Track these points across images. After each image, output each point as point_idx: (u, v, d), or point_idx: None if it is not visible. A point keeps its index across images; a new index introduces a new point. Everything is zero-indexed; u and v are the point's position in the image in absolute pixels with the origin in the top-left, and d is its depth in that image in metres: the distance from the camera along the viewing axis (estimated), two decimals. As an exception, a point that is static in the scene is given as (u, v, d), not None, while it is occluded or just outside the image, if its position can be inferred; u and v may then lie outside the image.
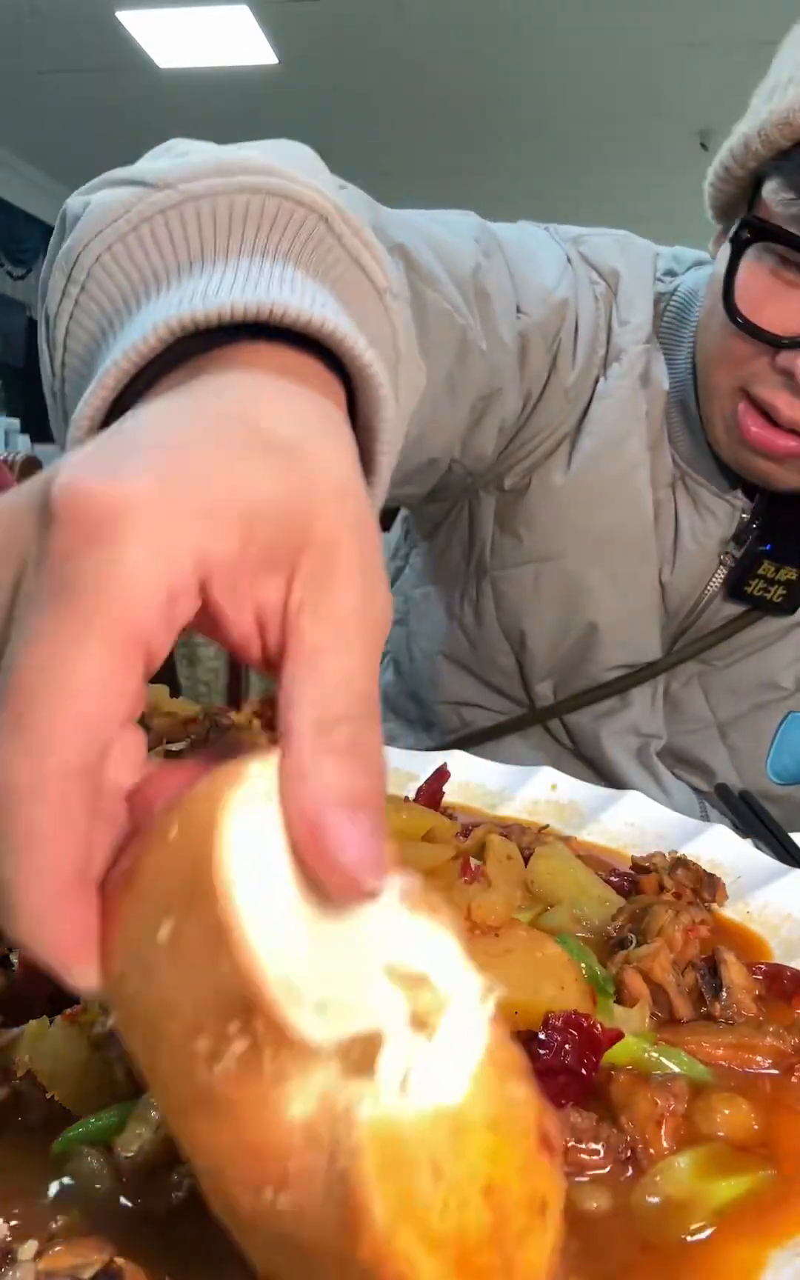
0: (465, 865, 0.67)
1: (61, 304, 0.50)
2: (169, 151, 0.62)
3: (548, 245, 1.02)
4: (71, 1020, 0.48)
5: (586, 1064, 0.47)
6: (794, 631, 1.05)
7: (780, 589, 1.00)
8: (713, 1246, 0.41)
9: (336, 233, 0.50)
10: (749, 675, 1.06)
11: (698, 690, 1.07)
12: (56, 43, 6.78)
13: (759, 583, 1.00)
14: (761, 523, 1.00)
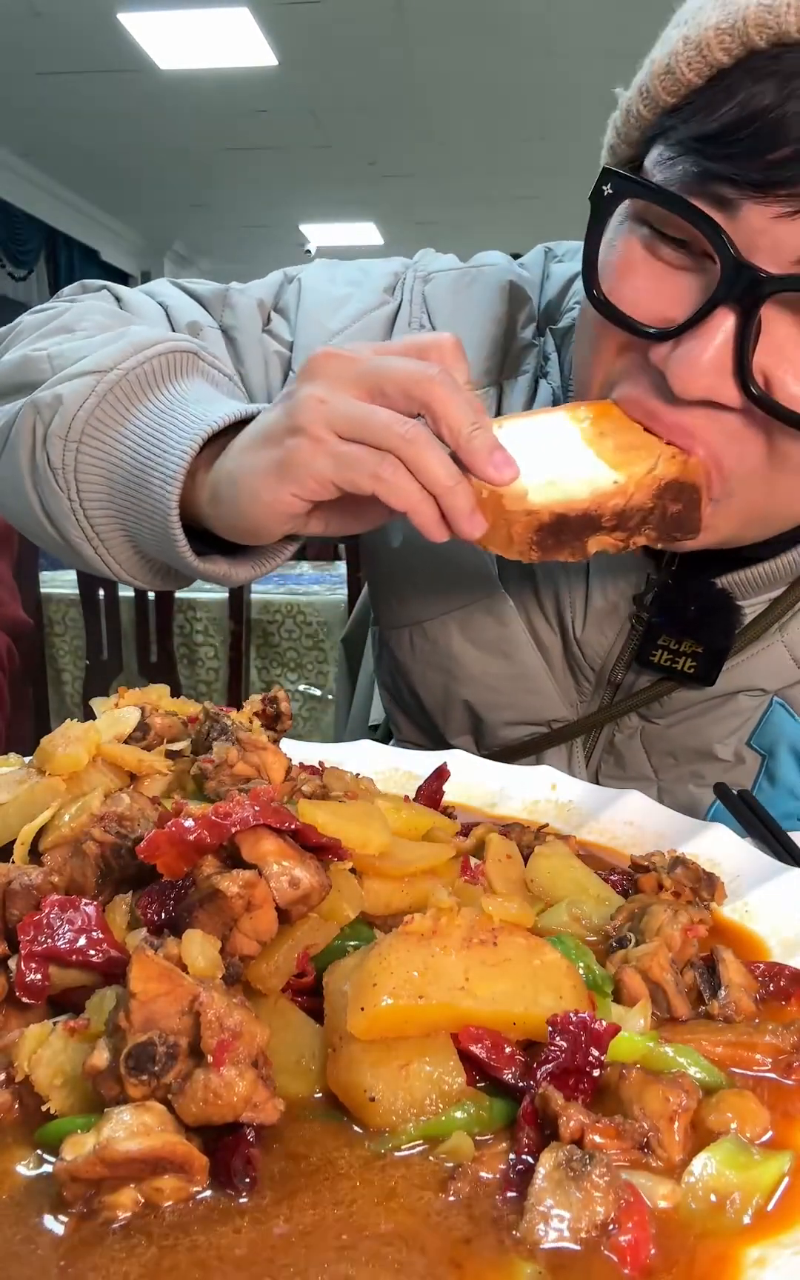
0: (465, 864, 0.67)
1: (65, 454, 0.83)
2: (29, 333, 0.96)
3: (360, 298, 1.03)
4: (72, 1031, 0.49)
5: (592, 1061, 0.47)
6: (734, 700, 0.96)
7: (688, 660, 0.93)
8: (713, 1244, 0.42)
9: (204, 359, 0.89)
10: (689, 740, 0.99)
11: (639, 747, 1.01)
12: (57, 44, 6.79)
13: (663, 653, 0.93)
14: (657, 590, 0.92)
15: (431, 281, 1.03)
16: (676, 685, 0.96)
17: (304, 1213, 0.42)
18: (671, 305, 0.71)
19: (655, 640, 0.93)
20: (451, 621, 1.01)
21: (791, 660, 0.95)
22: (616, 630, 0.97)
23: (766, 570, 0.91)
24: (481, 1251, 0.41)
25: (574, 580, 0.97)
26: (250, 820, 0.52)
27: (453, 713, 1.06)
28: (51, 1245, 0.41)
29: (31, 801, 0.62)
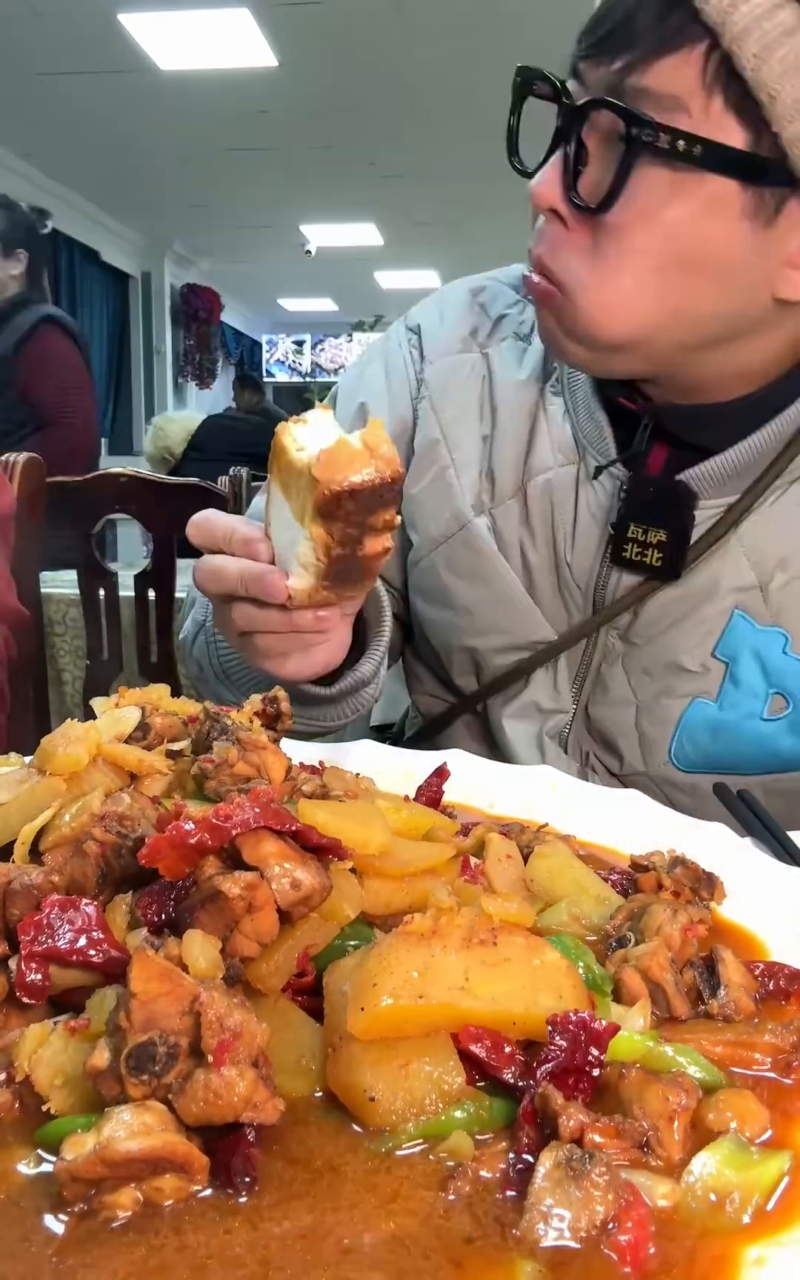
0: (465, 864, 0.67)
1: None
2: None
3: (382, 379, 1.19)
4: (72, 1031, 0.49)
5: (592, 1060, 0.47)
6: (696, 606, 1.04)
7: (656, 552, 1.02)
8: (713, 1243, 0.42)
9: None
10: (661, 655, 1.06)
11: (620, 670, 1.08)
12: (58, 45, 6.79)
13: (633, 547, 1.02)
14: (627, 487, 1.03)
15: (410, 315, 1.23)
16: (650, 589, 1.04)
17: (303, 1212, 0.42)
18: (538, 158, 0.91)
19: (626, 535, 1.03)
20: (438, 558, 1.13)
21: (748, 562, 1.02)
22: (598, 543, 1.07)
23: (719, 465, 1.01)
24: (481, 1250, 0.41)
25: (564, 504, 1.08)
26: (251, 822, 0.52)
27: (454, 656, 1.15)
28: (48, 1244, 0.41)
29: (32, 801, 0.62)
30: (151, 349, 12.26)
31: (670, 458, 1.03)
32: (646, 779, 1.09)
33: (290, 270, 13.11)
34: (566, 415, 1.08)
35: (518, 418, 1.10)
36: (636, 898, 0.68)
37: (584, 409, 1.07)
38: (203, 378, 13.43)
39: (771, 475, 1.01)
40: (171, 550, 2.51)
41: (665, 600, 1.05)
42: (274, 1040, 0.48)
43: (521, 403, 1.10)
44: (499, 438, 1.11)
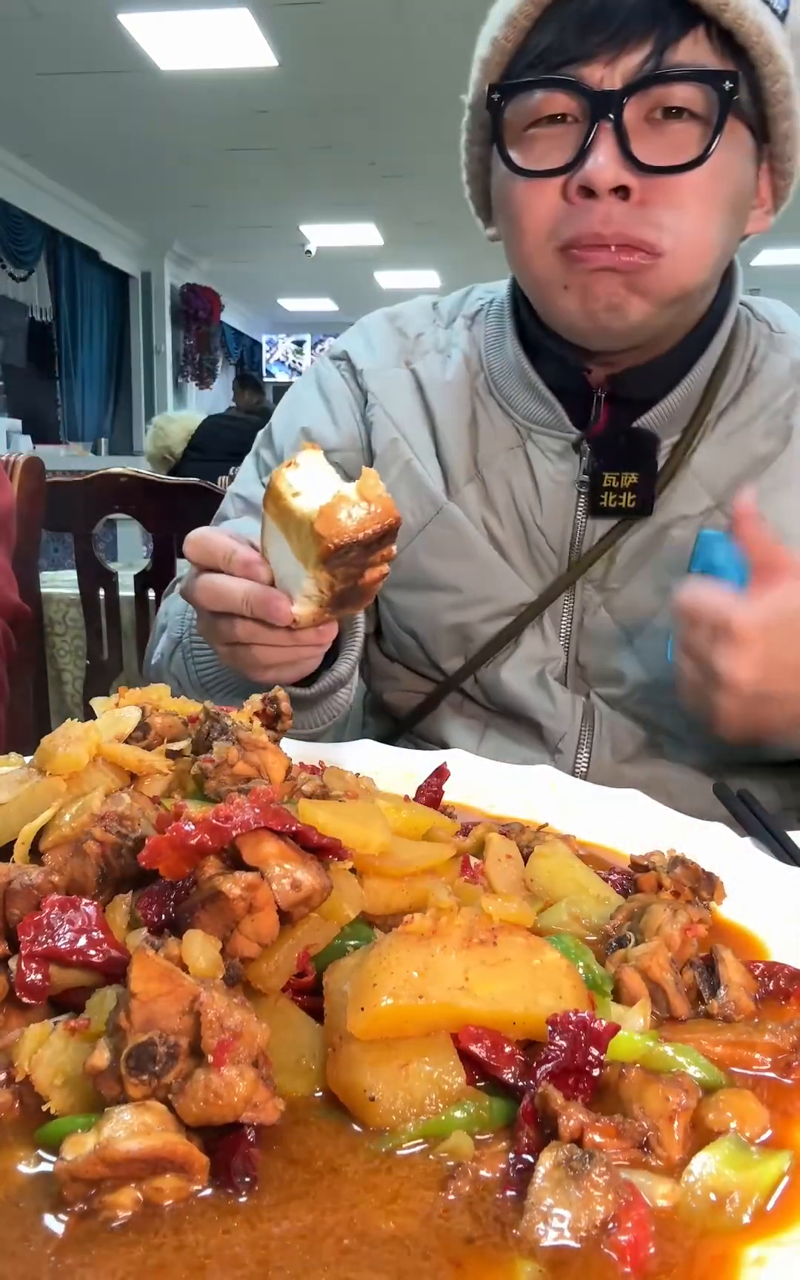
0: (465, 864, 0.67)
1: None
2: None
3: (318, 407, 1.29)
4: (72, 1031, 0.49)
5: (592, 1060, 0.47)
6: (668, 534, 1.15)
7: (630, 495, 1.13)
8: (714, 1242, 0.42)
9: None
10: (644, 589, 1.16)
11: (605, 616, 1.18)
12: (58, 45, 6.79)
13: (610, 495, 1.14)
14: (593, 443, 1.15)
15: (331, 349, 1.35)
16: (622, 531, 1.16)
17: (303, 1212, 0.42)
18: (565, 155, 1.00)
19: (600, 485, 1.14)
20: (417, 546, 1.21)
21: (702, 488, 1.15)
22: (568, 502, 1.17)
23: (665, 409, 1.14)
24: (481, 1250, 0.41)
25: (520, 479, 1.19)
26: (251, 823, 0.52)
27: (441, 636, 1.23)
28: (47, 1243, 0.41)
29: (32, 801, 0.62)
30: (151, 349, 12.26)
31: (612, 415, 1.16)
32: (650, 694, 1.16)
33: (290, 270, 13.11)
34: (501, 409, 1.21)
35: (455, 417, 1.22)
36: (636, 898, 0.68)
37: (524, 399, 1.19)
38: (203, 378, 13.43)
39: (704, 411, 1.15)
40: (171, 550, 2.51)
41: (636, 540, 1.16)
42: (274, 1040, 0.48)
43: (454, 403, 1.23)
44: (443, 436, 1.22)
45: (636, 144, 0.97)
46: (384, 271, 12.98)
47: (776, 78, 0.99)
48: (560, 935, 0.60)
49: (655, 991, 0.58)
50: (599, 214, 0.98)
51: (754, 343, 1.19)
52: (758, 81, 0.99)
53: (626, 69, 0.96)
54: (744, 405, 1.16)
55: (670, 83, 0.96)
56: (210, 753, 0.64)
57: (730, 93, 0.96)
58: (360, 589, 0.79)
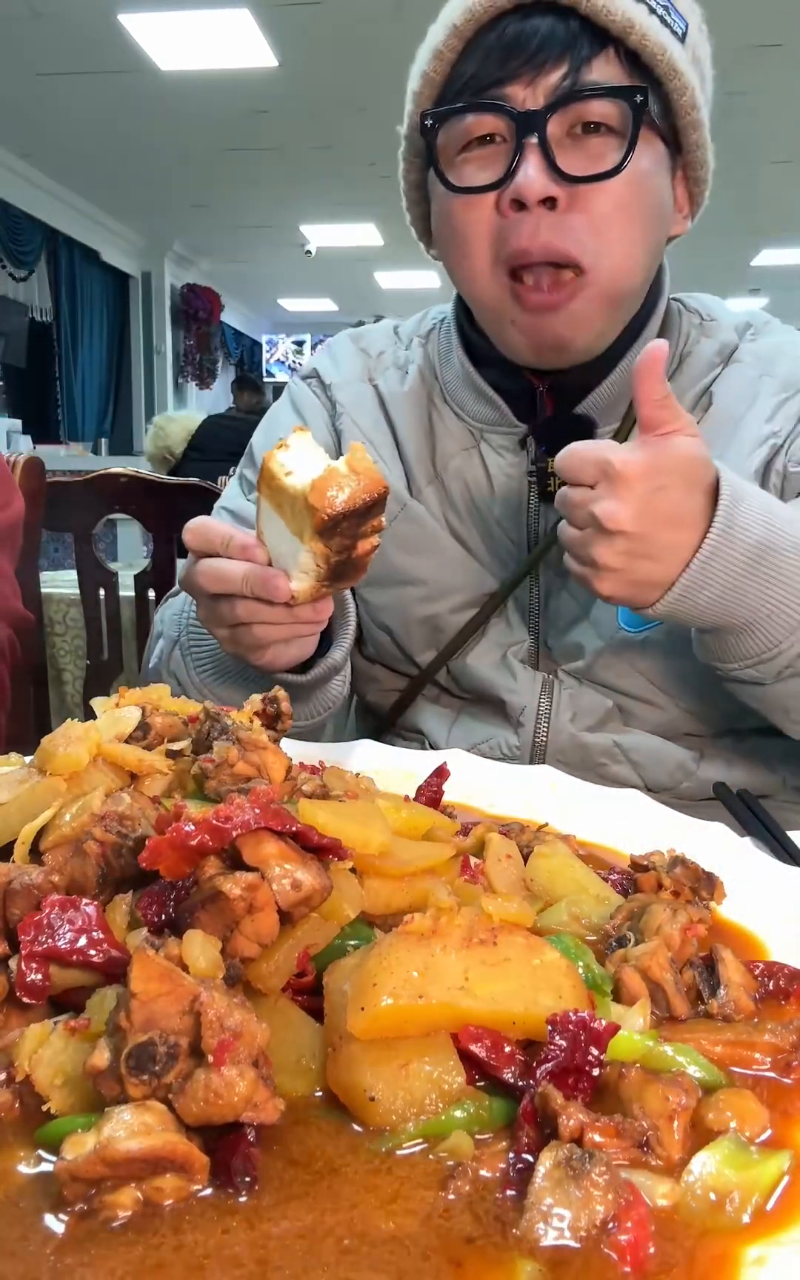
0: (465, 864, 0.67)
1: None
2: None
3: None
4: (72, 1031, 0.49)
5: (592, 1060, 0.47)
6: None
7: None
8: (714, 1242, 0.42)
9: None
10: None
11: (567, 597, 1.24)
12: (58, 45, 6.79)
13: (556, 480, 1.15)
14: (536, 434, 1.22)
15: (302, 369, 1.44)
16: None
17: (303, 1212, 0.42)
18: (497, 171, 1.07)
19: (548, 473, 1.19)
20: (386, 543, 1.24)
21: None
22: (521, 493, 1.24)
23: (602, 394, 1.21)
24: (481, 1250, 0.41)
25: (475, 477, 1.26)
26: (252, 823, 0.52)
27: (413, 630, 1.29)
28: (46, 1242, 0.41)
29: (32, 801, 0.62)
30: (151, 349, 12.26)
31: (556, 408, 1.23)
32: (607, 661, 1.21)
33: (290, 270, 13.11)
34: (454, 414, 1.29)
35: (413, 425, 1.30)
36: (636, 897, 0.68)
37: (473, 403, 1.27)
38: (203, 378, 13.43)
39: None
40: (172, 551, 2.51)
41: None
42: (274, 1040, 0.48)
43: (412, 412, 1.31)
44: (403, 443, 1.30)
45: (560, 157, 1.04)
46: (384, 271, 12.98)
47: (682, 92, 1.08)
48: (560, 935, 0.60)
49: (655, 991, 0.58)
50: (528, 226, 1.06)
51: (685, 331, 1.28)
52: (666, 96, 1.08)
53: (546, 88, 1.04)
54: (675, 387, 1.21)
55: (587, 99, 1.04)
56: (210, 753, 0.64)
57: (641, 105, 1.04)
58: (354, 561, 0.83)
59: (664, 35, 1.06)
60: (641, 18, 1.04)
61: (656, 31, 1.05)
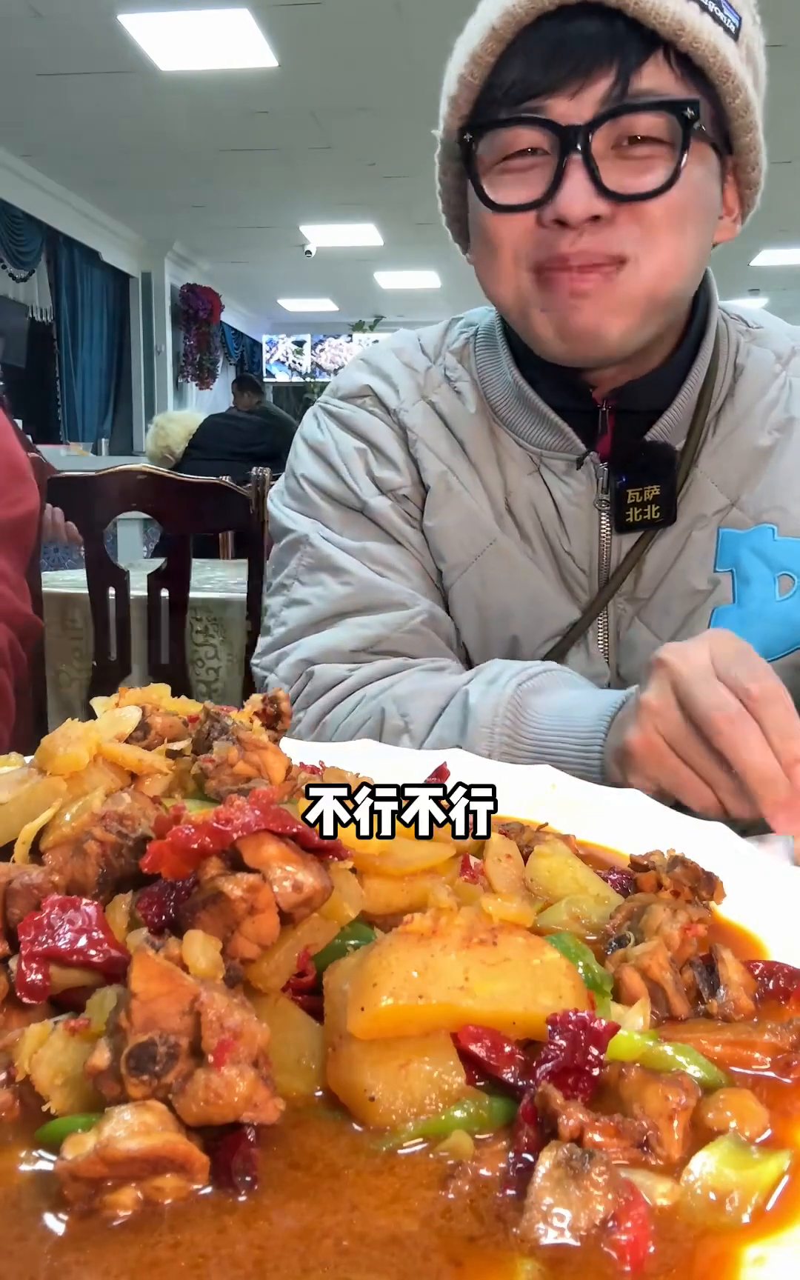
0: (465, 864, 0.67)
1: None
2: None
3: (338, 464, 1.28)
4: (72, 1031, 0.49)
5: (591, 1060, 0.47)
6: (687, 537, 1.19)
7: (654, 507, 1.16)
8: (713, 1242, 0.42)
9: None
10: (673, 593, 1.20)
11: (640, 626, 1.21)
12: (58, 45, 6.79)
13: (635, 510, 1.17)
14: (610, 463, 1.18)
15: (330, 406, 1.35)
16: (647, 541, 1.19)
17: (303, 1211, 0.43)
18: (537, 188, 1.03)
19: (626, 504, 1.17)
20: (470, 577, 1.24)
21: (713, 486, 1.19)
22: (591, 522, 1.20)
23: (671, 419, 1.18)
24: (481, 1249, 0.41)
25: (544, 505, 1.21)
26: (252, 825, 0.52)
27: (493, 646, 1.25)
28: (43, 1242, 0.41)
29: (32, 801, 0.62)
30: (151, 349, 12.26)
31: (616, 431, 1.19)
32: None
33: (290, 270, 13.11)
34: (509, 437, 1.22)
35: (482, 446, 1.24)
36: (636, 897, 0.68)
37: (531, 424, 1.21)
38: (203, 378, 13.44)
39: (703, 414, 1.19)
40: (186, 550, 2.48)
41: (659, 549, 1.19)
42: (274, 1040, 0.48)
43: (478, 432, 1.24)
44: (478, 463, 1.23)
45: (605, 173, 1.01)
46: (384, 272, 12.98)
47: (735, 94, 1.04)
48: (560, 935, 0.60)
49: (655, 991, 0.58)
50: (568, 238, 1.03)
51: (734, 340, 1.23)
52: (718, 99, 1.04)
53: (592, 99, 1.00)
54: (739, 402, 1.20)
55: (636, 113, 1.00)
56: (210, 753, 0.64)
57: (692, 119, 1.00)
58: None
59: (717, 35, 1.00)
60: (693, 17, 0.98)
61: (709, 32, 0.99)
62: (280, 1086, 0.46)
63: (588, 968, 0.57)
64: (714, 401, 1.19)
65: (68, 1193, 0.42)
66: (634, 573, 1.19)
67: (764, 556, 1.17)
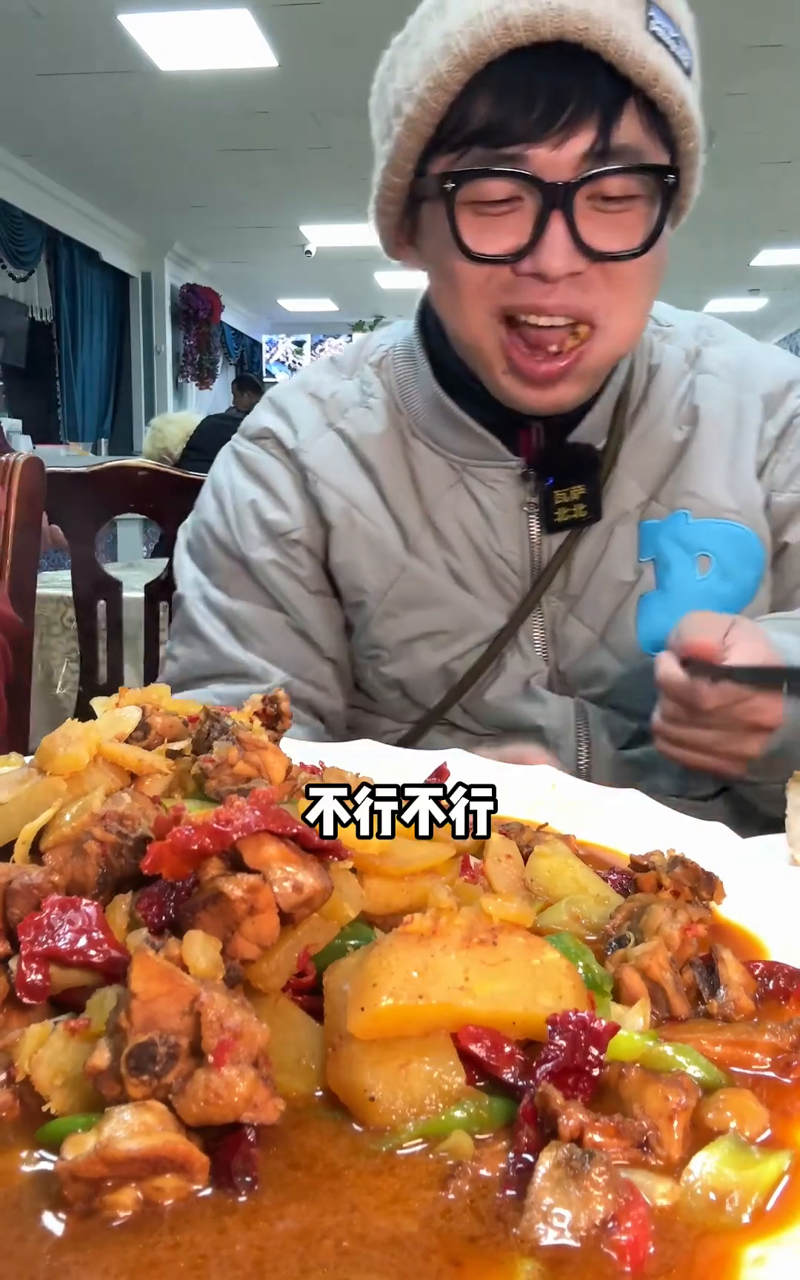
0: (465, 864, 0.67)
1: None
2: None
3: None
4: (72, 1031, 0.49)
5: (591, 1060, 0.47)
6: (613, 532, 1.23)
7: (580, 506, 1.19)
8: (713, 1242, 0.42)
9: None
10: (602, 587, 1.23)
11: (574, 621, 1.24)
12: (58, 45, 6.78)
13: (563, 510, 1.20)
14: (536, 465, 1.21)
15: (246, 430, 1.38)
16: (575, 539, 1.22)
17: (303, 1211, 0.43)
18: (515, 237, 1.03)
19: (553, 505, 1.19)
20: (389, 604, 1.25)
21: (633, 482, 1.23)
22: (520, 524, 1.22)
23: (593, 421, 1.21)
24: (481, 1249, 0.41)
25: (469, 513, 1.23)
26: (253, 826, 0.52)
27: (428, 680, 1.26)
28: (42, 1242, 0.41)
29: (33, 801, 0.62)
30: (151, 349, 12.26)
31: (536, 435, 1.21)
32: (630, 686, 1.22)
33: (290, 270, 13.11)
34: (429, 448, 1.23)
35: (394, 467, 1.24)
36: (636, 897, 0.68)
37: (454, 435, 1.22)
38: (203, 378, 13.43)
39: (622, 414, 1.23)
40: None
41: (587, 546, 1.22)
42: (274, 1040, 0.48)
43: (390, 453, 1.24)
44: (389, 492, 1.24)
45: (585, 229, 1.01)
46: (384, 272, 12.97)
47: (691, 138, 1.04)
48: (560, 935, 0.60)
49: (655, 991, 0.58)
50: (544, 289, 1.04)
51: (649, 341, 1.27)
52: (675, 143, 1.04)
53: (575, 153, 0.99)
54: (653, 401, 1.24)
55: (622, 174, 1.00)
56: (210, 752, 0.64)
57: (672, 183, 1.02)
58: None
59: (682, 83, 1.00)
60: (667, 67, 0.98)
61: (679, 82, 1.00)
62: (280, 1086, 0.46)
63: (588, 968, 0.57)
64: (631, 402, 1.24)
65: (68, 1193, 0.42)
66: (564, 571, 1.22)
67: (680, 541, 1.21)
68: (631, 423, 1.24)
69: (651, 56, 0.97)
